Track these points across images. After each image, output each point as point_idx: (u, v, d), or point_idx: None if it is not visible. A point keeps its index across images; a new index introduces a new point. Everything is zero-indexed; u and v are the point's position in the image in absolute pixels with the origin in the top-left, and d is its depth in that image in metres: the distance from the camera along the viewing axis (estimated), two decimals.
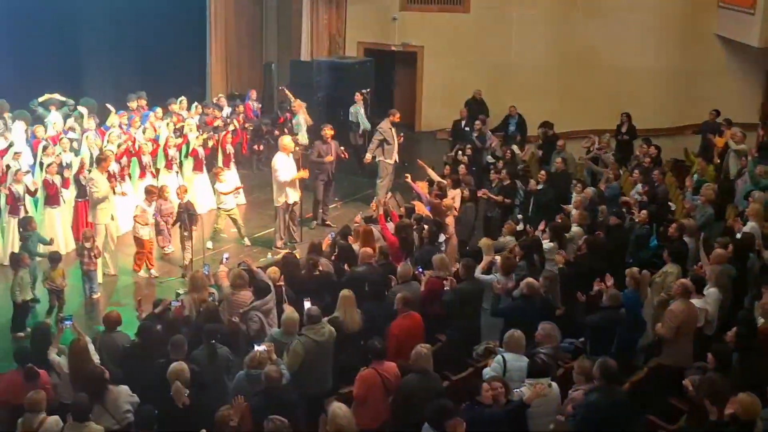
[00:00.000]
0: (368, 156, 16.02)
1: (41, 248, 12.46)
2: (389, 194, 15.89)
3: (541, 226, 12.29)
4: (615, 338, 9.29)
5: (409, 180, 14.58)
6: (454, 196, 13.74)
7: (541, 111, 19.13)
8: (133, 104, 16.64)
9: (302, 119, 17.51)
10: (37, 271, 12.12)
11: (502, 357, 8.20)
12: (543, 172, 14.82)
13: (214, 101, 18.61)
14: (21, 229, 12.36)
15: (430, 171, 14.93)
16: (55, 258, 11.86)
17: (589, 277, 10.21)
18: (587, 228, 12.33)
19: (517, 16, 21.04)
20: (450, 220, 12.88)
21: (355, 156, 17.25)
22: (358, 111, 17.91)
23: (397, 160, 16.13)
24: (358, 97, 17.91)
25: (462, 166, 15.49)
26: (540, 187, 14.39)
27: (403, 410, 7.90)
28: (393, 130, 16.03)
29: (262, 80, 22.35)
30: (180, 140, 15.50)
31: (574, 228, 12.26)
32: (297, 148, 14.13)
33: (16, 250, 12.79)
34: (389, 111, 16.50)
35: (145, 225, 13.09)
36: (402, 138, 16.57)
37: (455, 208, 13.30)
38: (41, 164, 14.01)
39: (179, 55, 21.21)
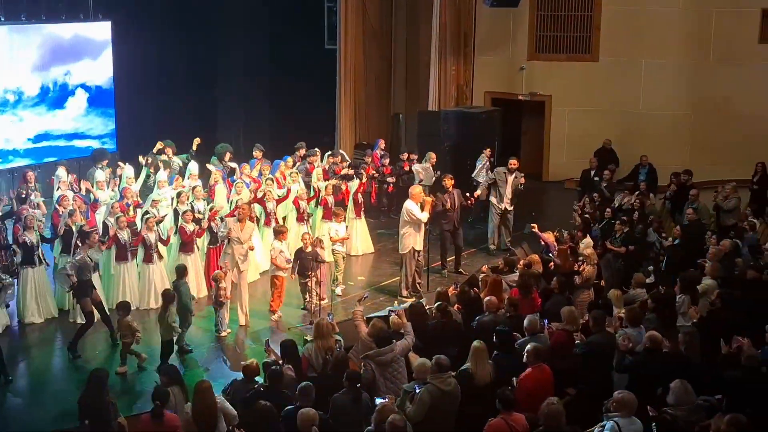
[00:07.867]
0: (478, 191, 16.29)
1: None
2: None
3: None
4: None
5: (535, 230, 14.45)
6: (588, 245, 13.59)
7: (672, 161, 18.78)
8: (258, 153, 16.97)
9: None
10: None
11: (616, 423, 7.78)
12: (677, 228, 14.47)
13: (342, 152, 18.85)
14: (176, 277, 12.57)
15: (543, 236, 14.34)
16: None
17: (725, 334, 9.84)
18: (722, 281, 11.94)
19: (646, 65, 20.81)
20: (589, 270, 12.71)
21: (481, 206, 17.24)
22: (477, 164, 17.60)
23: (508, 207, 16.15)
24: (487, 152, 17.59)
25: (587, 216, 15.32)
26: (676, 242, 14.06)
27: None
28: (508, 175, 16.09)
29: (390, 130, 22.67)
30: (312, 194, 15.70)
31: (708, 281, 11.87)
32: (426, 198, 14.12)
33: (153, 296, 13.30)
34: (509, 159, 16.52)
35: (282, 267, 13.12)
36: (524, 182, 16.36)
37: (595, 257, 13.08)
38: (176, 211, 14.36)
39: (309, 106, 21.81)
